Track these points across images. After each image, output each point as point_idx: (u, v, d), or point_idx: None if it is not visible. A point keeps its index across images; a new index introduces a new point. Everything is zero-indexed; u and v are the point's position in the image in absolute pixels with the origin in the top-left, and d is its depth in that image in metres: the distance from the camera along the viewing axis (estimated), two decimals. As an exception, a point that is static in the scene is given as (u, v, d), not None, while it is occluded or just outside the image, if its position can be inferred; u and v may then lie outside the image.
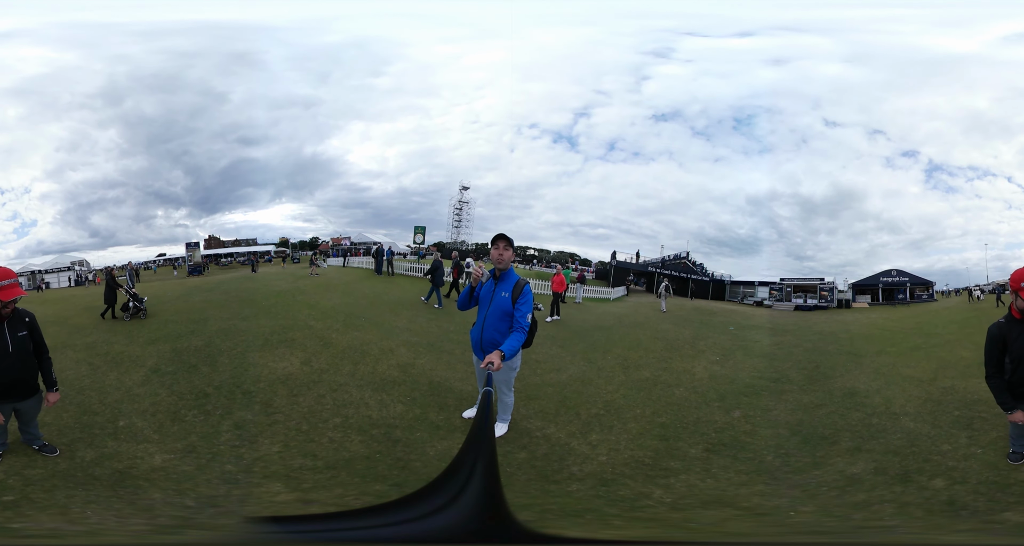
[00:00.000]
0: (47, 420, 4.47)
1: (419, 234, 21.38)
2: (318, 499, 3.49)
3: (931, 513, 3.38)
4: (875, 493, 3.69)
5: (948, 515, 3.34)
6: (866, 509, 3.48)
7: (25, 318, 3.72)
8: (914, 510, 3.42)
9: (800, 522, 3.38)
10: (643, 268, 20.50)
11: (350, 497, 3.51)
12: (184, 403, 5.16)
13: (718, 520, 3.44)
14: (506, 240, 3.93)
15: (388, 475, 3.83)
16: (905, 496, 3.61)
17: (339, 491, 3.60)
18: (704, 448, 4.55)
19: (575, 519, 3.35)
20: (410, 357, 6.99)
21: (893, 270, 18.20)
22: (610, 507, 3.52)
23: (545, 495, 3.65)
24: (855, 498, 3.65)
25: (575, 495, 3.67)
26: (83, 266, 18.63)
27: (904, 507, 3.47)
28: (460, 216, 22.32)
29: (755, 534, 3.28)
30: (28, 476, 3.63)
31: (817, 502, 3.65)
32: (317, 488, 3.63)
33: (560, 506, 3.50)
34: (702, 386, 6.56)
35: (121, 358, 6.80)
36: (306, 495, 3.53)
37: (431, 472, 3.82)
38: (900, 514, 3.38)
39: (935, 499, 3.55)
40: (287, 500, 3.47)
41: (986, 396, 5.45)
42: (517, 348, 3.87)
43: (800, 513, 3.49)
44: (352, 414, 4.93)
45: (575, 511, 3.45)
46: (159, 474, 3.79)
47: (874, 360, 8.44)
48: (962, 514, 3.33)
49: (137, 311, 10.04)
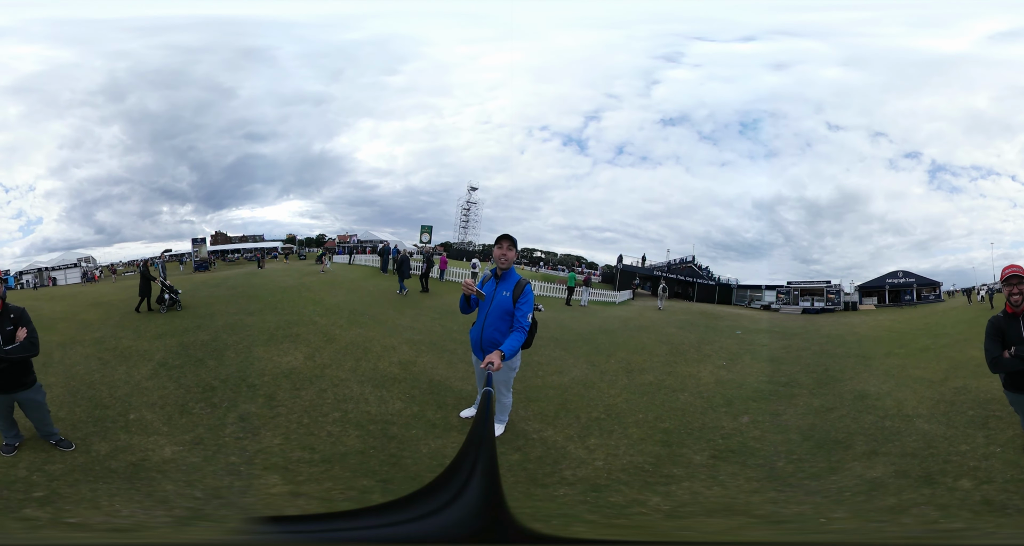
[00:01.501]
0: (60, 415, 4.54)
1: (426, 233, 21.41)
2: (308, 492, 3.49)
3: (977, 514, 3.27)
4: (904, 497, 3.58)
5: (997, 514, 3.23)
6: (906, 513, 3.36)
7: (11, 314, 3.76)
8: (957, 511, 3.32)
9: (836, 529, 3.26)
10: (649, 272, 20.42)
11: (336, 492, 3.51)
12: (191, 396, 5.20)
13: (727, 529, 3.33)
14: (510, 240, 3.91)
15: (378, 471, 3.82)
16: (937, 498, 3.51)
17: (328, 485, 3.59)
18: (710, 454, 4.46)
19: (539, 523, 3.18)
20: (412, 355, 6.98)
21: (899, 271, 18.03)
22: (591, 513, 3.42)
23: (527, 498, 3.57)
24: (885, 502, 3.54)
25: (559, 500, 3.58)
26: (89, 262, 18.81)
27: (944, 509, 3.36)
28: (468, 216, 22.34)
29: (772, 539, 3.18)
30: (50, 471, 3.71)
31: (846, 508, 3.53)
32: (310, 481, 3.64)
33: (536, 510, 3.40)
34: (708, 391, 6.47)
35: (129, 353, 6.85)
36: (298, 488, 3.54)
37: (421, 470, 3.79)
38: (947, 516, 3.26)
39: (970, 499, 3.45)
40: (281, 492, 3.47)
41: (999, 395, 5.35)
42: (517, 348, 3.84)
43: (832, 520, 3.36)
44: (351, 409, 4.92)
45: (546, 516, 3.34)
46: (170, 466, 3.84)
47: (883, 362, 8.32)
48: (1009, 512, 3.24)
49: (173, 303, 10.10)
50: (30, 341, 3.77)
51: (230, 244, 20.54)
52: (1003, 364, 3.62)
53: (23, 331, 3.75)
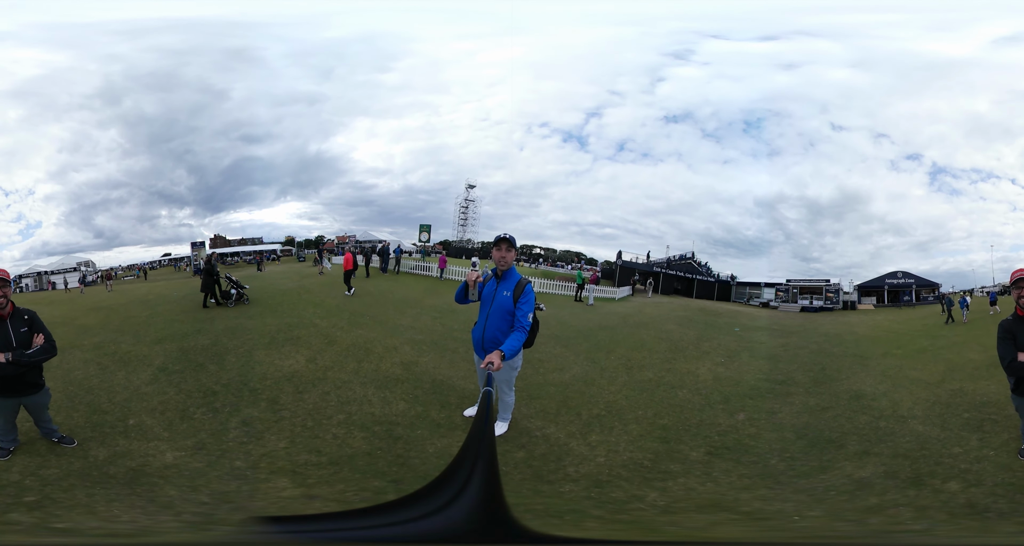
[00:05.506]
0: (58, 420, 4.54)
1: (425, 232, 21.41)
2: (321, 494, 3.53)
3: (954, 516, 3.33)
4: (888, 497, 3.64)
5: (974, 517, 3.28)
6: (881, 513, 3.43)
7: (25, 315, 3.80)
8: (935, 513, 3.37)
9: (805, 526, 3.33)
10: (648, 268, 20.50)
11: (350, 493, 3.55)
12: (192, 401, 5.22)
13: (709, 524, 3.39)
14: (508, 242, 3.95)
15: (387, 472, 3.87)
16: (920, 500, 3.56)
17: (341, 487, 3.64)
18: (706, 451, 4.52)
19: (554, 519, 3.29)
20: (413, 355, 7.02)
21: (899, 272, 18.11)
22: (597, 508, 3.49)
23: (535, 495, 3.63)
24: (866, 502, 3.60)
25: (565, 496, 3.65)
26: (88, 267, 18.79)
27: (923, 510, 3.42)
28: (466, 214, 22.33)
29: (751, 538, 3.24)
30: (44, 476, 3.69)
31: (825, 507, 3.60)
32: (320, 484, 3.68)
33: (546, 506, 3.47)
34: (706, 388, 6.53)
35: (129, 357, 6.87)
36: (310, 490, 3.58)
37: (429, 469, 3.85)
38: (921, 518, 3.32)
39: (953, 502, 3.50)
40: (293, 496, 3.51)
41: (995, 398, 5.43)
42: (518, 348, 3.87)
43: (805, 518, 3.44)
44: (355, 411, 4.96)
45: (558, 512, 3.41)
46: (172, 471, 3.84)
47: (880, 362, 8.38)
48: (988, 516, 3.29)
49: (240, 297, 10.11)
50: (50, 344, 3.82)
51: (229, 247, 20.52)
52: (1019, 367, 3.63)
53: (40, 337, 3.79)
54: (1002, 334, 3.71)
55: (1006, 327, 3.72)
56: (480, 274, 4.06)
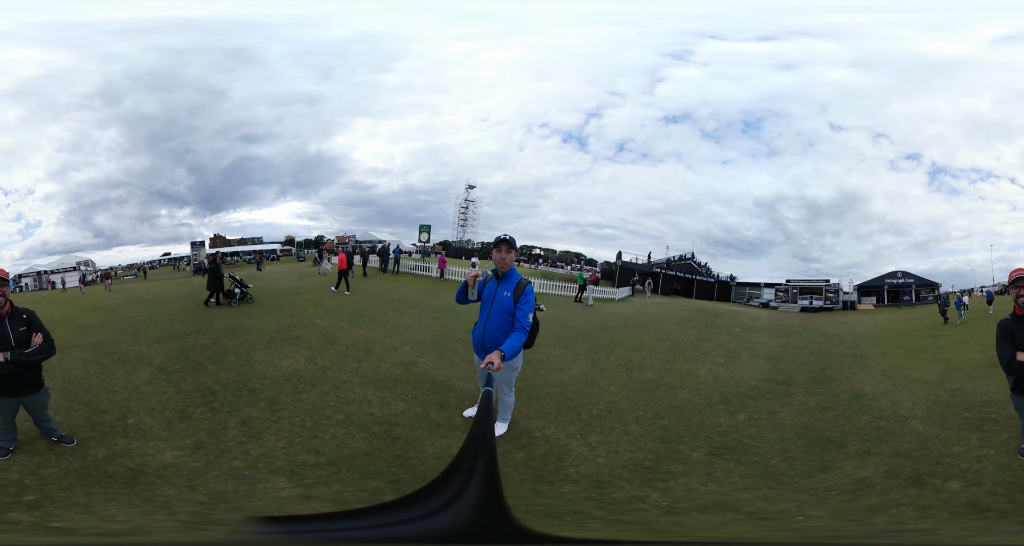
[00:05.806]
0: (57, 419, 4.53)
1: (424, 232, 21.41)
2: (318, 495, 3.52)
3: (956, 515, 3.33)
4: (889, 497, 3.64)
5: (975, 517, 3.28)
6: (883, 512, 3.42)
7: (23, 314, 3.81)
8: (937, 513, 3.37)
9: (810, 526, 3.32)
10: (648, 268, 20.52)
11: (348, 493, 3.54)
12: (191, 401, 5.21)
13: (714, 525, 3.39)
14: (508, 243, 3.94)
15: (386, 472, 3.86)
16: (922, 499, 3.56)
17: (338, 487, 3.63)
18: (707, 451, 4.52)
19: (555, 520, 3.29)
20: (413, 355, 7.01)
21: (898, 272, 18.12)
22: (598, 509, 3.48)
23: (535, 496, 3.63)
24: (868, 502, 3.60)
25: (566, 497, 3.65)
26: (88, 266, 18.78)
27: (924, 510, 3.41)
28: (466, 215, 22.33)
29: (758, 538, 3.24)
30: (44, 475, 3.68)
31: (828, 507, 3.60)
32: (318, 484, 3.67)
33: (546, 507, 3.46)
34: (706, 388, 6.52)
35: (128, 357, 6.86)
36: (308, 490, 3.57)
37: (428, 470, 3.84)
38: (923, 517, 3.32)
39: (954, 501, 3.50)
40: (290, 496, 3.50)
41: (995, 397, 5.43)
42: (518, 348, 3.87)
43: (809, 518, 3.43)
44: (354, 411, 4.95)
45: (559, 513, 3.41)
46: (171, 471, 3.84)
47: (880, 362, 8.38)
48: (989, 515, 3.28)
49: (244, 296, 10.10)
50: (48, 343, 3.82)
51: (229, 247, 20.50)
52: (1018, 367, 3.64)
53: (39, 336, 3.79)
54: (1001, 333, 3.72)
55: (1005, 326, 3.73)
56: (479, 272, 4.05)
